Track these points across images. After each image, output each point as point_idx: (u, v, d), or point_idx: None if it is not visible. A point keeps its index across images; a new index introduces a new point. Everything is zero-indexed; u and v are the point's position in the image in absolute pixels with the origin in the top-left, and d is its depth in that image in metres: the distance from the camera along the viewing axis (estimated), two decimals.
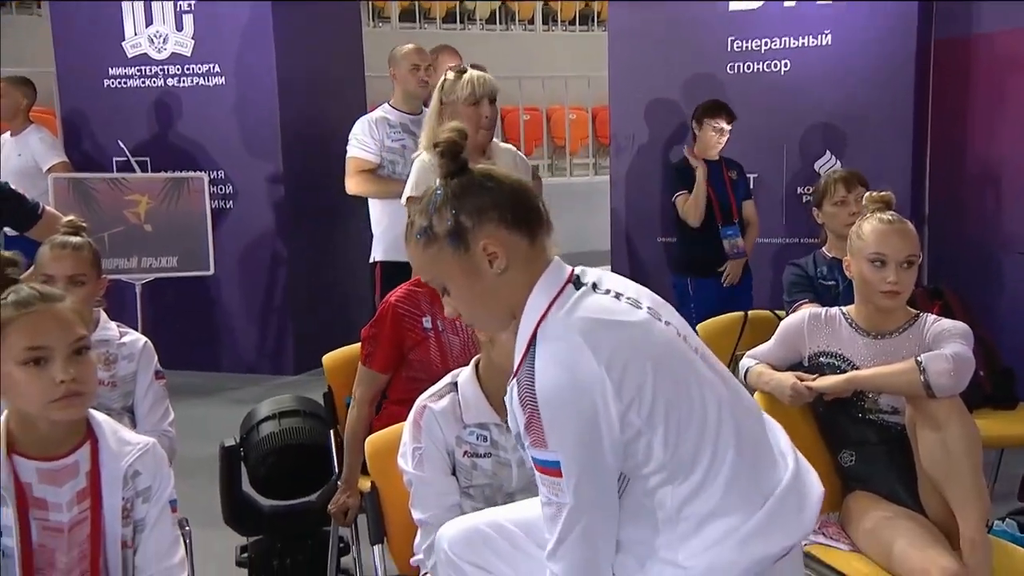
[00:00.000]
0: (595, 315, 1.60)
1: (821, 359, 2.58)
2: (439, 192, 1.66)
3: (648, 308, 1.67)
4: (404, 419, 2.27)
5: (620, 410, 1.56)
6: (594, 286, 1.66)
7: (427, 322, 2.85)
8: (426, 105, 4.27)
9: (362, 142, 4.51)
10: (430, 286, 1.70)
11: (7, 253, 1.94)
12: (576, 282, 1.66)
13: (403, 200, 3.58)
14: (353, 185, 4.54)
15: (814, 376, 2.54)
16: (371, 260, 4.50)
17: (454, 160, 1.66)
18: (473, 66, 3.56)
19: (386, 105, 4.65)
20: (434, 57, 4.94)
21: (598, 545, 1.61)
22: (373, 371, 2.87)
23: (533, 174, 4.55)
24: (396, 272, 3.96)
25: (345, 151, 4.59)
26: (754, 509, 1.61)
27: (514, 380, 1.61)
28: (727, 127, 4.66)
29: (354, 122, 4.63)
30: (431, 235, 1.64)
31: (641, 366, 1.58)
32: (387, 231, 4.40)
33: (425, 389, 2.28)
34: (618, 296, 1.66)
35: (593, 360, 1.54)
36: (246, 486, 3.36)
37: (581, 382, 1.54)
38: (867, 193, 2.66)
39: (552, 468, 1.55)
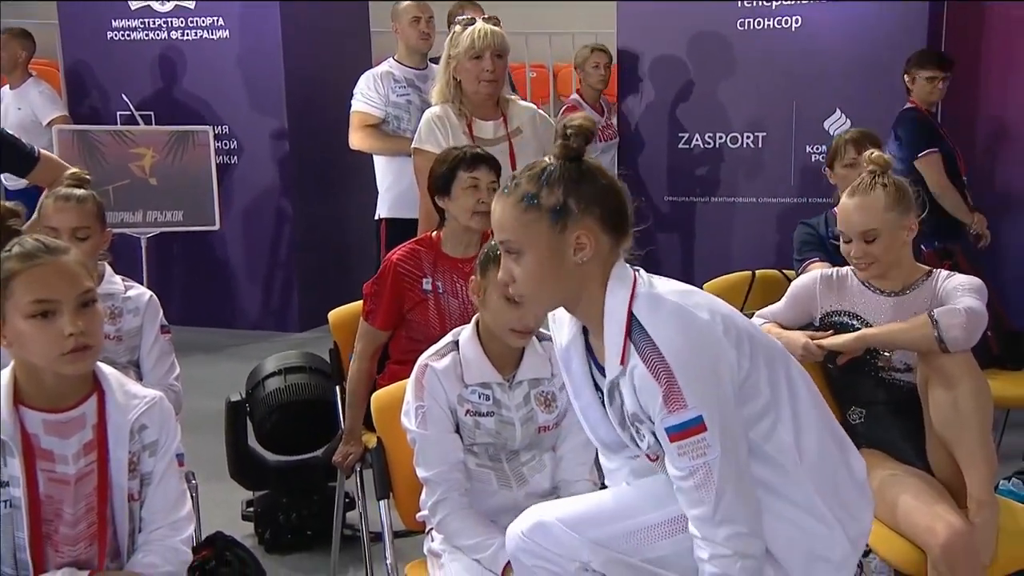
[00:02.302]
0: (677, 288, 1.72)
1: (834, 318, 2.56)
2: (556, 168, 1.69)
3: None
4: (406, 378, 2.26)
5: (733, 351, 1.66)
6: (651, 283, 1.73)
7: (427, 283, 2.84)
8: (434, 61, 4.21)
9: (367, 96, 4.46)
10: (503, 246, 1.73)
11: (8, 204, 1.93)
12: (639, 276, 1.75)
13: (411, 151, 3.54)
14: (357, 140, 4.50)
15: (828, 333, 2.52)
16: (376, 217, 4.47)
17: (582, 147, 1.70)
18: (487, 19, 3.51)
19: (391, 60, 4.59)
20: (459, 9, 4.89)
21: (752, 493, 1.66)
22: (374, 328, 2.86)
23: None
24: (401, 228, 3.94)
25: (350, 106, 4.54)
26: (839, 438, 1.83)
27: (630, 364, 1.65)
28: (945, 75, 4.42)
29: (359, 77, 4.58)
30: (535, 203, 1.67)
31: (731, 314, 1.71)
32: (392, 187, 4.36)
33: (423, 348, 2.27)
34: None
35: (699, 313, 1.66)
36: (252, 441, 3.37)
37: (701, 331, 1.64)
38: (865, 153, 2.62)
39: (695, 426, 1.60)
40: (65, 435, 1.79)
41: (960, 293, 2.40)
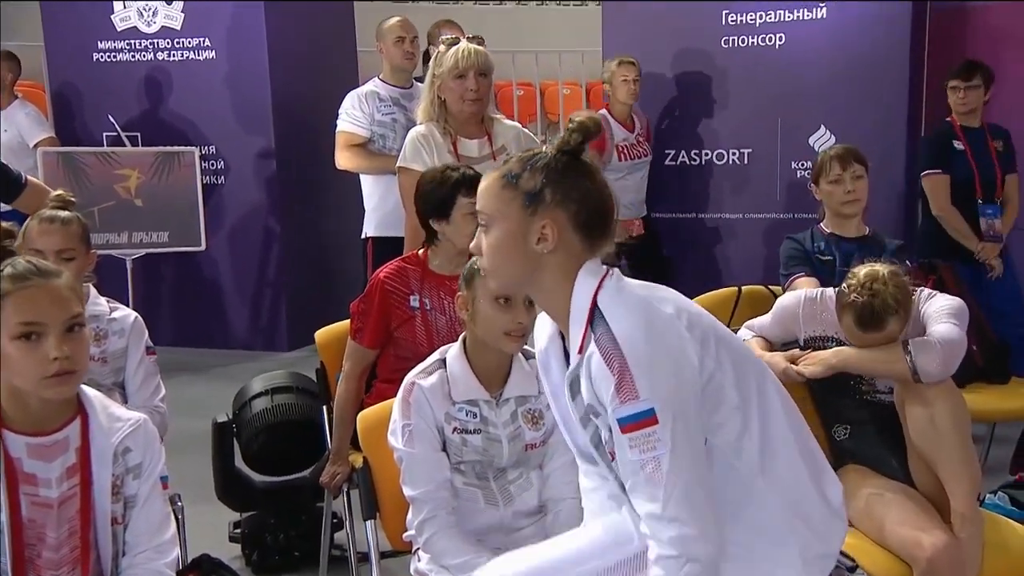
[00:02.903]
0: (646, 285, 1.73)
1: (817, 344, 2.57)
2: (545, 157, 1.70)
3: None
4: (393, 397, 2.26)
5: (696, 348, 1.63)
6: (619, 278, 1.73)
7: (414, 300, 2.84)
8: (420, 79, 4.22)
9: (352, 116, 4.47)
10: (478, 216, 1.75)
11: (3, 224, 1.92)
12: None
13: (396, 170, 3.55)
14: (343, 160, 4.51)
15: (806, 353, 2.53)
16: (363, 236, 4.47)
17: (578, 143, 1.70)
18: (470, 39, 3.52)
19: (376, 79, 4.61)
20: (437, 30, 4.91)
21: (703, 494, 1.60)
22: (362, 347, 2.86)
23: None
24: (387, 247, 3.94)
25: (336, 125, 4.55)
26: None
27: (587, 351, 1.64)
28: (968, 84, 4.23)
29: (345, 96, 4.60)
30: (515, 183, 1.69)
31: (698, 313, 1.70)
32: (378, 206, 4.37)
33: (411, 366, 2.27)
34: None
35: (662, 308, 1.66)
36: (239, 462, 3.36)
37: (662, 324, 1.63)
38: (858, 269, 2.47)
39: (646, 418, 1.57)
40: (48, 458, 1.78)
41: (939, 318, 2.40)
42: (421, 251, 2.92)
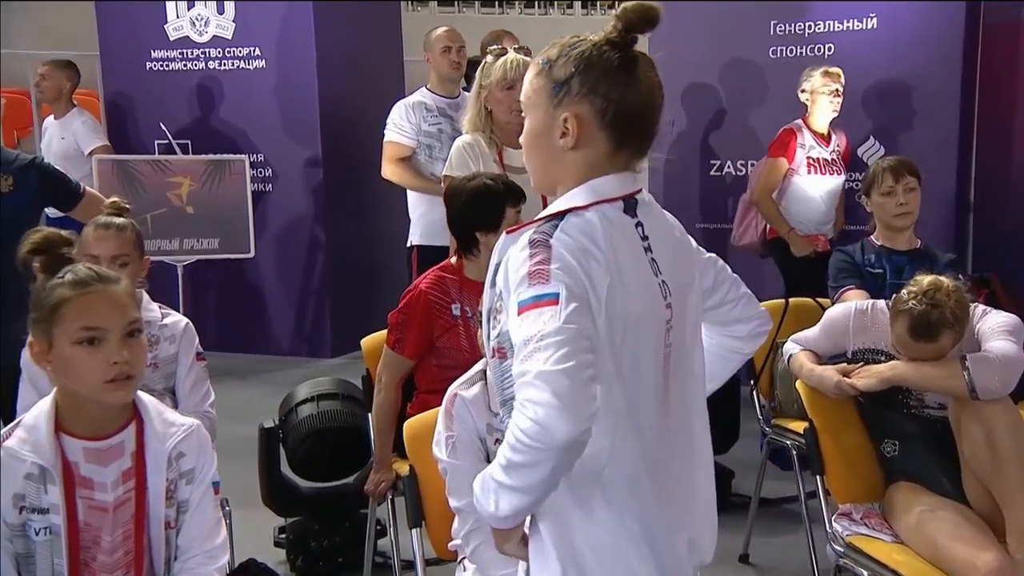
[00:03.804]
0: (620, 248, 1.54)
1: (866, 356, 2.54)
2: (584, 44, 1.56)
3: (662, 281, 1.60)
4: (434, 406, 2.27)
5: (602, 303, 1.49)
6: (639, 226, 1.60)
7: (456, 309, 2.86)
8: (468, 89, 4.25)
9: (399, 126, 4.51)
10: (518, 109, 1.64)
11: (63, 233, 1.96)
12: (628, 207, 1.59)
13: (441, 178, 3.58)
14: (389, 172, 4.55)
15: (859, 365, 2.51)
16: (408, 244, 4.50)
17: (622, 32, 1.55)
18: (517, 49, 3.54)
19: (423, 89, 4.64)
20: (497, 39, 4.93)
21: (584, 381, 1.39)
22: (403, 357, 2.88)
23: None
24: (433, 256, 3.96)
25: (383, 135, 4.59)
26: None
27: (526, 230, 1.54)
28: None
29: (392, 106, 4.63)
30: (548, 70, 1.57)
31: (624, 302, 1.52)
32: (424, 215, 4.39)
33: (455, 376, 2.28)
34: (647, 250, 1.59)
35: (604, 262, 1.50)
36: (284, 468, 3.39)
37: (593, 251, 1.50)
38: (920, 278, 2.46)
39: (549, 298, 1.43)
40: (104, 463, 1.81)
41: (996, 335, 2.36)
42: (454, 259, 2.94)
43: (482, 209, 2.83)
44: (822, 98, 4.48)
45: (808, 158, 4.48)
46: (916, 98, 4.85)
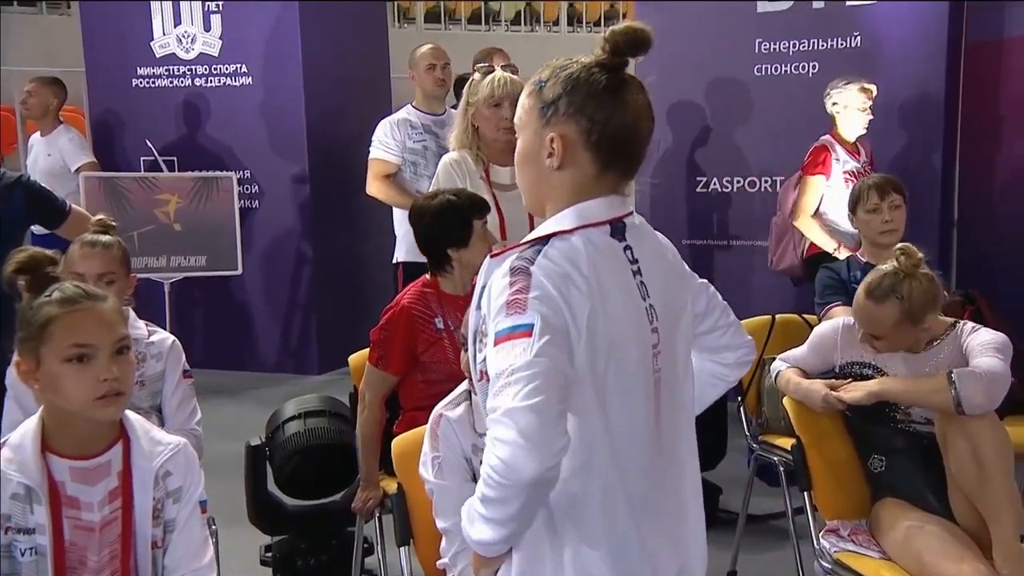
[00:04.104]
0: (604, 273, 1.54)
1: (853, 369, 2.56)
2: (576, 68, 1.57)
3: (650, 306, 1.60)
4: (422, 424, 2.27)
5: (581, 330, 1.49)
6: (628, 249, 1.59)
7: (439, 322, 2.88)
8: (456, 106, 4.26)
9: (384, 144, 4.53)
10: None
11: (48, 252, 1.96)
12: (616, 231, 1.59)
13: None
14: (374, 189, 4.57)
15: (847, 380, 2.52)
16: (394, 261, 4.51)
17: (610, 54, 1.56)
18: (505, 67, 3.55)
19: (409, 106, 4.66)
20: (488, 58, 4.97)
21: (554, 417, 1.40)
22: (386, 373, 2.88)
23: None
24: (419, 273, 3.96)
25: (369, 152, 4.60)
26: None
27: (510, 254, 1.54)
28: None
29: (379, 122, 4.65)
30: (539, 90, 1.60)
31: (606, 328, 1.52)
32: (410, 232, 4.35)
33: (444, 388, 2.28)
34: (636, 273, 1.59)
35: (587, 289, 1.50)
36: (271, 486, 3.37)
37: (575, 277, 1.50)
38: (897, 246, 2.54)
39: (524, 330, 1.44)
40: (91, 482, 1.80)
41: (984, 351, 2.38)
42: (428, 276, 2.97)
43: (450, 225, 2.86)
44: (855, 112, 4.43)
45: (844, 172, 4.41)
46: (900, 116, 4.89)
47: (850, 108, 4.43)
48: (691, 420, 1.71)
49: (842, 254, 4.29)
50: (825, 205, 4.41)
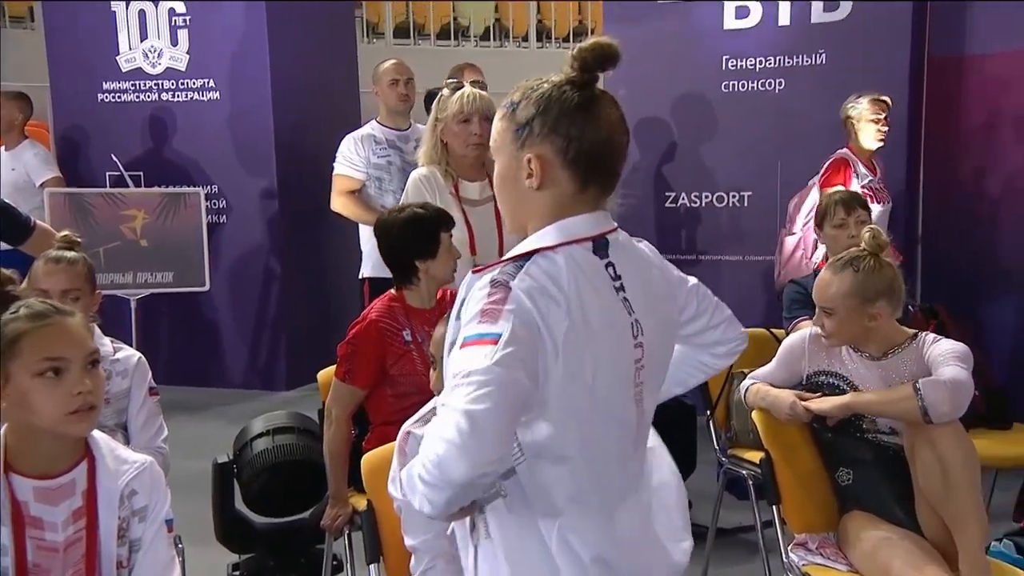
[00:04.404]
0: (585, 291, 1.55)
1: (820, 378, 2.58)
2: (547, 87, 1.59)
3: (635, 321, 1.62)
4: (393, 438, 2.26)
5: (559, 346, 1.50)
6: (610, 266, 1.61)
7: (407, 335, 2.88)
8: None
9: (348, 159, 4.55)
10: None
11: (6, 271, 1.94)
12: (599, 247, 1.61)
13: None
14: (338, 205, 4.58)
15: (815, 395, 2.54)
16: (360, 276, 4.50)
17: (579, 71, 1.58)
18: (474, 83, 3.57)
19: (373, 122, 4.68)
20: (460, 73, 4.99)
21: (500, 428, 1.41)
22: (354, 387, 2.87)
23: None
24: (384, 288, 3.96)
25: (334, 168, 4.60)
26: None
27: (491, 270, 1.54)
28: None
29: (343, 138, 4.65)
30: (512, 113, 1.60)
31: (588, 343, 1.54)
32: (376, 247, 4.39)
33: (413, 401, 2.27)
34: (619, 290, 1.61)
35: (566, 306, 1.52)
36: (239, 503, 3.34)
37: (554, 294, 1.51)
38: (867, 229, 2.62)
39: (490, 338, 1.45)
40: (55, 502, 1.78)
41: (945, 361, 2.41)
42: (394, 290, 2.98)
43: (417, 238, 2.88)
44: (869, 125, 4.43)
45: (862, 187, 4.36)
46: None
47: (863, 120, 4.43)
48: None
49: None
50: None
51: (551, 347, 1.50)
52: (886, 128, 4.43)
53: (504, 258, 1.58)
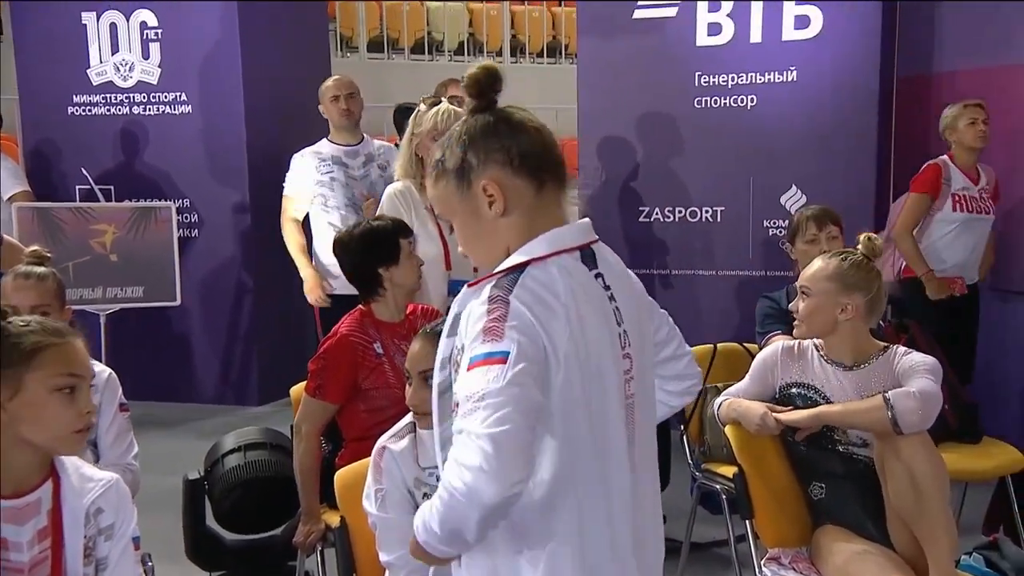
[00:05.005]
0: (580, 299, 1.56)
1: (792, 390, 2.59)
2: (459, 126, 1.63)
3: (624, 331, 1.63)
4: (367, 454, 2.25)
5: (560, 357, 1.51)
6: (599, 276, 1.62)
7: (378, 347, 2.89)
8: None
9: (292, 180, 4.65)
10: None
11: None
12: (586, 257, 1.62)
13: None
14: (284, 231, 4.71)
15: (786, 408, 2.55)
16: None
17: (478, 97, 1.62)
18: (451, 99, 3.58)
19: (324, 139, 4.69)
20: (443, 89, 5.01)
21: (521, 446, 1.43)
22: (325, 402, 2.87)
23: None
24: (337, 304, 4.06)
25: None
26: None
27: (487, 283, 1.55)
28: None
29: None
30: (442, 169, 1.62)
31: (587, 352, 1.54)
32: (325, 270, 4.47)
33: (386, 415, 2.27)
34: (611, 299, 1.63)
35: (564, 316, 1.53)
36: (210, 520, 3.31)
37: (553, 304, 1.52)
38: (865, 236, 2.66)
39: (499, 356, 1.45)
40: (20, 521, 1.75)
41: (915, 373, 2.44)
42: (363, 305, 2.99)
43: (378, 246, 2.92)
44: (965, 129, 4.32)
45: (954, 195, 4.30)
46: (835, 148, 5.01)
47: (958, 126, 4.33)
48: (655, 449, 1.74)
49: (930, 281, 4.24)
50: (930, 227, 4.34)
51: (554, 358, 1.52)
52: (984, 127, 4.31)
53: (497, 271, 1.58)
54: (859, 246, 2.60)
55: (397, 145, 6.47)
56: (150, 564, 2.57)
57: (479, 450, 1.40)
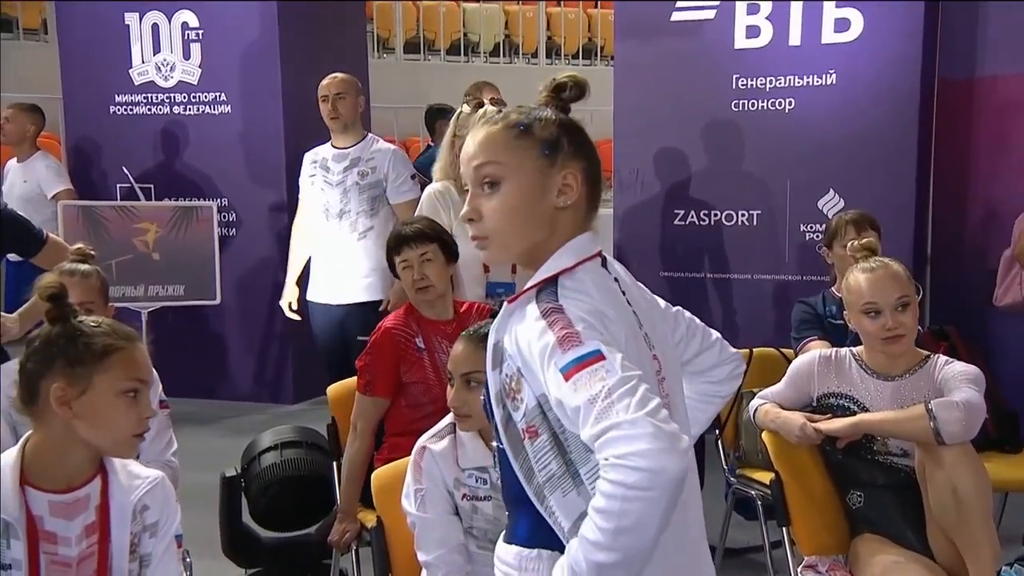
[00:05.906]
0: (611, 303, 1.55)
1: (831, 400, 2.57)
2: (549, 111, 1.58)
3: (645, 334, 1.62)
4: (405, 450, 2.27)
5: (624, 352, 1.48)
6: (616, 280, 1.63)
7: (420, 341, 2.92)
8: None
9: (301, 183, 4.71)
10: (479, 172, 1.55)
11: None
12: (604, 263, 1.62)
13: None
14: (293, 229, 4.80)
15: (825, 416, 2.54)
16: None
17: (563, 103, 1.61)
18: (493, 101, 3.59)
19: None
20: (477, 91, 5.02)
21: (662, 410, 1.38)
22: (377, 397, 2.89)
23: None
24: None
25: None
26: None
27: (524, 301, 1.52)
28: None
29: None
30: (528, 131, 1.54)
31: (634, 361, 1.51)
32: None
33: (427, 411, 2.28)
34: (628, 303, 1.62)
35: (608, 311, 1.52)
36: (246, 517, 3.34)
37: (603, 308, 1.50)
38: (850, 243, 2.65)
39: (592, 357, 1.41)
40: (69, 516, 1.78)
41: (958, 383, 2.41)
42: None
43: (389, 260, 3.06)
44: None
45: None
46: (874, 152, 4.95)
47: None
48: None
49: None
50: None
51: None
52: None
53: (527, 287, 1.55)
54: (858, 253, 2.58)
55: (431, 146, 6.52)
56: (188, 560, 2.60)
57: (642, 434, 1.33)
